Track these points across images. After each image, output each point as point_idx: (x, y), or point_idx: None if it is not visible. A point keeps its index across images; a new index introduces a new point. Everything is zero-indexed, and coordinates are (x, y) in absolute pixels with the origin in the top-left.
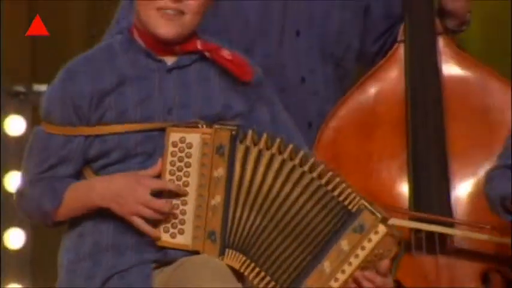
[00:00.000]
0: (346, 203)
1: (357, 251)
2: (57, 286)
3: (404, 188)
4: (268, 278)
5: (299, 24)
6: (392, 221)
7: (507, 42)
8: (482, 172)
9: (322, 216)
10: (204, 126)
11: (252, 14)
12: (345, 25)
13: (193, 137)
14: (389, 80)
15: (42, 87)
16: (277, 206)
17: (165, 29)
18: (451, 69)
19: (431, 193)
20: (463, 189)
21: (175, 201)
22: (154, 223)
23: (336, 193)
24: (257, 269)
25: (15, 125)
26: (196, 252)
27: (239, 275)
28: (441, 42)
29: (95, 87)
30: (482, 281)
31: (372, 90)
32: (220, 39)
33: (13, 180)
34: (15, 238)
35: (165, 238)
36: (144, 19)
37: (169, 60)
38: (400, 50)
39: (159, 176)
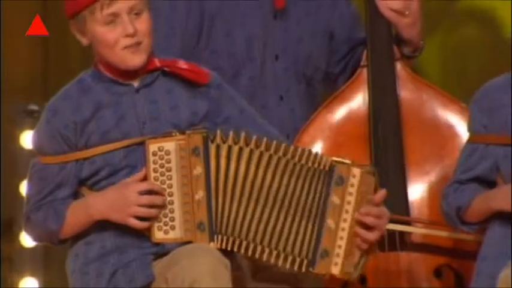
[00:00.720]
0: (321, 167)
1: (347, 199)
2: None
3: None
4: (271, 252)
5: (277, 49)
6: None
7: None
8: (434, 178)
9: (306, 186)
10: (178, 134)
11: (240, 42)
12: (315, 50)
13: (170, 145)
14: (354, 100)
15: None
16: (258, 189)
17: (134, 61)
18: (407, 90)
19: (391, 196)
20: (418, 193)
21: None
22: (150, 222)
23: (309, 163)
24: (247, 244)
25: (30, 140)
26: (189, 243)
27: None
28: (398, 66)
29: (76, 118)
30: (436, 276)
31: (338, 109)
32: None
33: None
34: (30, 238)
35: (160, 235)
36: (112, 60)
37: (135, 82)
38: (363, 74)
39: (143, 181)
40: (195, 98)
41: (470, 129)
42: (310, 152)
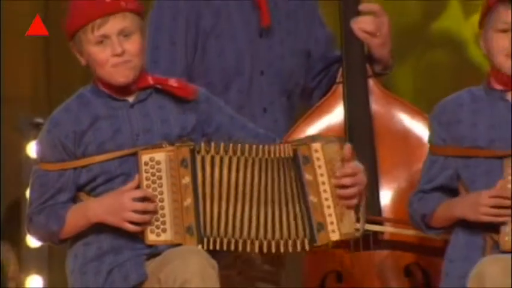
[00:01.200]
0: (286, 155)
1: (319, 172)
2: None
3: None
4: (257, 242)
5: (263, 66)
6: None
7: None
8: (404, 184)
9: (281, 176)
10: (167, 145)
11: (230, 59)
12: (295, 66)
13: (160, 156)
14: (331, 113)
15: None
16: (241, 190)
17: (122, 78)
18: (378, 104)
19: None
20: (389, 196)
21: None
22: (143, 226)
23: (277, 155)
24: (237, 241)
25: (35, 149)
26: (179, 245)
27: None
28: (371, 83)
29: (75, 128)
30: (405, 274)
31: (317, 121)
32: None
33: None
34: (32, 237)
35: (152, 238)
36: (103, 76)
37: (131, 98)
38: (339, 89)
39: (137, 189)
40: (184, 113)
41: (430, 141)
42: (274, 145)
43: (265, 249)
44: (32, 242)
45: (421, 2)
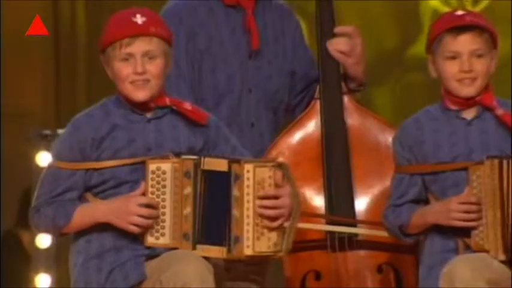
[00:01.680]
0: (221, 169)
1: (246, 191)
2: (72, 281)
3: (321, 202)
4: (208, 250)
5: (251, 84)
6: (313, 226)
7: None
8: (376, 191)
9: (220, 187)
10: (174, 157)
11: (222, 78)
12: (281, 85)
13: (166, 166)
14: (309, 126)
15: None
16: (212, 202)
17: (139, 95)
18: (353, 118)
19: (341, 205)
20: (363, 202)
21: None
22: (144, 229)
23: (217, 168)
24: (214, 249)
25: (44, 159)
26: (175, 248)
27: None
28: (346, 99)
29: (94, 135)
30: (378, 272)
31: (296, 134)
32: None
33: None
34: (44, 240)
35: (152, 240)
36: (123, 91)
37: (148, 114)
38: (317, 105)
39: (143, 195)
40: (194, 135)
41: (395, 161)
42: (215, 159)
43: (223, 256)
44: (41, 243)
45: (397, 29)
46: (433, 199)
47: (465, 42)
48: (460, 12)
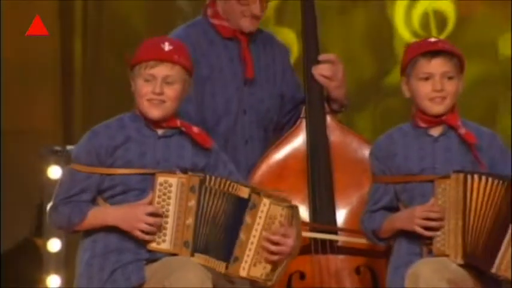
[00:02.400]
0: (242, 195)
1: (257, 221)
2: (77, 275)
3: (306, 211)
4: (208, 259)
5: (246, 106)
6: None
7: None
8: (355, 201)
9: (232, 208)
10: (180, 172)
11: (221, 101)
12: (271, 107)
13: (173, 180)
14: (296, 143)
15: (71, 147)
16: (219, 218)
17: (153, 113)
18: (335, 135)
19: (323, 214)
20: (343, 211)
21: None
22: (148, 235)
23: (236, 192)
24: (213, 261)
25: (54, 172)
26: (175, 254)
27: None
28: (328, 118)
29: (109, 143)
30: (356, 273)
31: (284, 149)
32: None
33: None
34: (54, 244)
35: (154, 245)
36: (140, 107)
37: (159, 131)
38: (303, 123)
39: (150, 204)
40: (198, 155)
41: (372, 171)
42: (238, 185)
43: (219, 269)
44: (52, 247)
45: (375, 60)
46: (403, 207)
47: (437, 65)
48: (432, 39)
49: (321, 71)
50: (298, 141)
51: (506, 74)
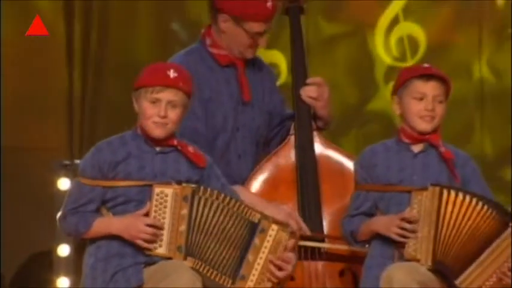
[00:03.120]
0: (253, 219)
1: (265, 244)
2: (83, 277)
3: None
4: (211, 270)
5: (239, 124)
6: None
7: None
8: (340, 210)
9: (242, 230)
10: (175, 184)
11: (219, 119)
12: (261, 124)
13: (169, 191)
14: (286, 156)
15: (78, 161)
16: (217, 228)
17: (157, 132)
18: (321, 150)
19: (312, 222)
20: (329, 220)
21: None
22: (147, 242)
23: (247, 215)
24: (204, 266)
25: (64, 183)
26: (170, 258)
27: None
28: (315, 134)
29: (112, 158)
30: (340, 275)
31: (276, 162)
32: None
33: None
34: (64, 250)
35: (151, 250)
36: (144, 126)
37: (158, 148)
38: (292, 139)
39: (147, 213)
40: (192, 170)
41: (355, 179)
42: (248, 208)
43: (212, 276)
44: (62, 252)
45: (358, 89)
46: (380, 214)
47: (432, 87)
48: (426, 65)
49: (308, 93)
50: (288, 155)
51: (478, 95)
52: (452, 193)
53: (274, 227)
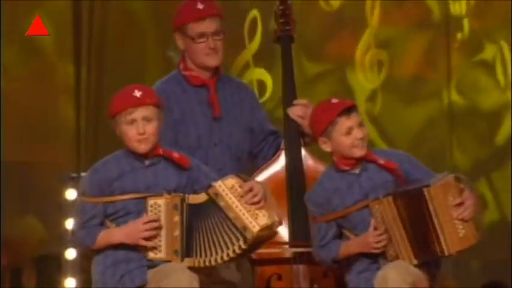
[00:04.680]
0: (202, 200)
1: (226, 197)
2: (93, 283)
3: (285, 226)
4: (210, 258)
5: (216, 140)
6: (278, 250)
7: None
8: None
9: (217, 215)
10: (166, 194)
11: (193, 137)
12: (241, 139)
13: (161, 201)
14: (277, 169)
15: (84, 174)
16: (205, 229)
17: (142, 148)
18: (308, 164)
19: (300, 228)
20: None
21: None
22: (150, 242)
23: (195, 201)
24: (199, 259)
25: (72, 194)
26: (168, 261)
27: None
28: (303, 150)
29: (108, 177)
30: (324, 276)
31: (268, 174)
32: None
33: (71, 223)
34: (71, 254)
35: (152, 255)
36: (129, 146)
37: (147, 161)
38: (282, 154)
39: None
40: (180, 175)
41: (310, 215)
42: (196, 196)
43: (219, 261)
44: (69, 255)
45: None
46: (347, 232)
47: (354, 119)
48: (336, 100)
49: (295, 112)
50: (278, 168)
51: (450, 117)
52: (402, 197)
53: (217, 183)
